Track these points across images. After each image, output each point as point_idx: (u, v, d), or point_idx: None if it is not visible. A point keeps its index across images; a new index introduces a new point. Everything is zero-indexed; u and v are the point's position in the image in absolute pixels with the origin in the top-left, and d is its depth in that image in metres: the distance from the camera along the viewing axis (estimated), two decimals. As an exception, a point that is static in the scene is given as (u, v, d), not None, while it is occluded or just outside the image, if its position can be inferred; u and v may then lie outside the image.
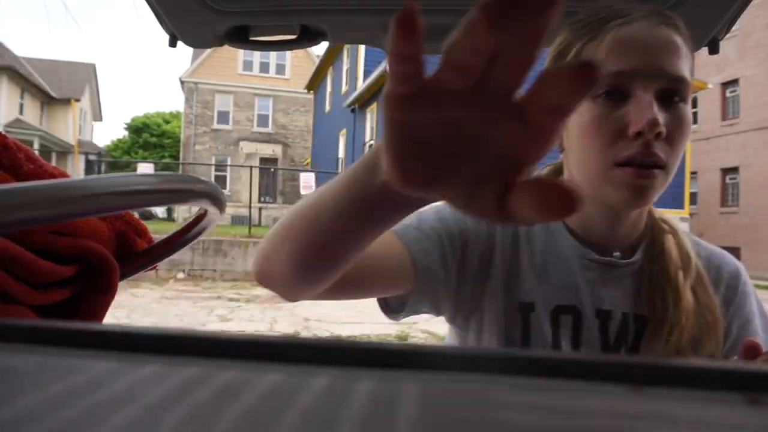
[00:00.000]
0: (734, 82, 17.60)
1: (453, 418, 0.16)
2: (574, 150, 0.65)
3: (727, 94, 17.95)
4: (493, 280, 0.70)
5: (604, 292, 0.69)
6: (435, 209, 0.71)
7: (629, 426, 0.16)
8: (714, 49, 1.00)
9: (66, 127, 21.87)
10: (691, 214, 15.08)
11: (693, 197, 17.83)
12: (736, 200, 17.52)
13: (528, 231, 0.72)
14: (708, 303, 0.67)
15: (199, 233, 0.60)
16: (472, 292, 0.70)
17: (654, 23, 0.61)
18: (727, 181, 17.94)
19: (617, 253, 0.70)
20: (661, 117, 0.58)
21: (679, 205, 12.67)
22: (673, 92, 0.61)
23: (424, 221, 0.69)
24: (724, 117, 18.05)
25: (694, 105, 18.02)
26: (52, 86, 22.34)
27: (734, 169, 17.60)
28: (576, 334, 0.68)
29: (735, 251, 17.26)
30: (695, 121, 17.98)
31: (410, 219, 0.68)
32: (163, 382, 0.18)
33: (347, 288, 0.60)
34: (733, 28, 1.03)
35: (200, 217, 0.59)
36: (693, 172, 17.34)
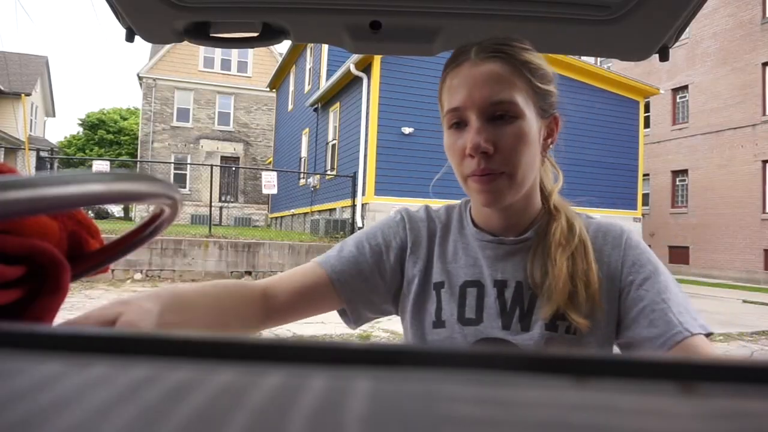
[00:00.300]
0: (684, 89, 18.34)
1: (403, 414, 0.16)
2: (452, 166, 0.83)
3: (678, 100, 18.69)
4: (411, 271, 0.88)
5: (500, 265, 0.85)
6: (354, 237, 0.90)
7: (572, 416, 0.16)
8: (664, 57, 1.04)
9: (16, 123, 20.94)
10: (643, 215, 15.62)
11: (645, 198, 18.49)
12: (685, 201, 18.26)
13: (446, 225, 0.92)
14: (585, 267, 0.81)
15: (155, 233, 0.59)
16: (399, 288, 0.89)
17: (479, 60, 0.76)
18: (677, 183, 18.68)
19: (511, 237, 0.86)
20: (491, 136, 0.75)
21: (632, 206, 13.11)
22: (499, 113, 0.76)
23: (344, 248, 0.88)
24: (674, 121, 18.78)
25: (647, 110, 18.69)
26: (0, 80, 21.35)
27: (684, 172, 18.34)
28: (479, 303, 0.84)
29: (684, 250, 17.99)
30: (647, 125, 18.65)
31: (333, 249, 0.89)
32: (110, 384, 0.17)
33: (286, 318, 0.82)
34: (683, 36, 1.08)
35: (155, 217, 0.57)
36: (645, 174, 17.98)
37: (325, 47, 14.12)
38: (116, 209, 37.48)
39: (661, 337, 0.78)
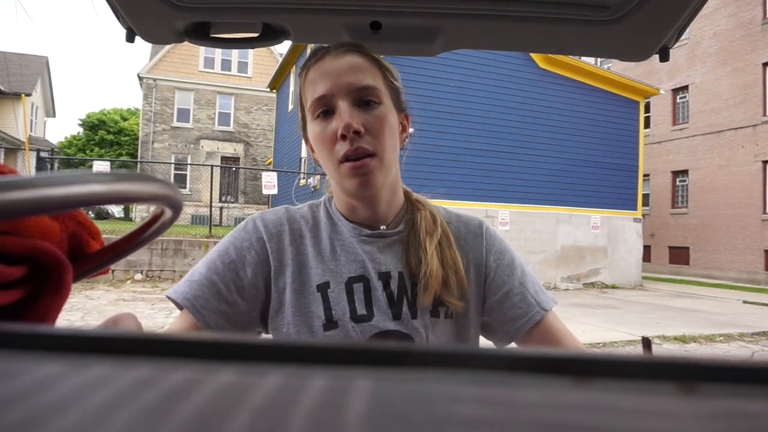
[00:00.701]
0: (684, 89, 18.34)
1: (403, 414, 0.16)
2: (320, 159, 0.85)
3: (678, 100, 18.68)
4: (281, 280, 0.84)
5: (381, 258, 0.86)
6: (205, 258, 0.85)
7: (572, 416, 0.16)
8: (664, 57, 1.04)
9: (16, 123, 20.94)
10: (643, 215, 15.62)
11: (645, 198, 18.48)
12: (685, 202, 18.25)
13: (314, 224, 0.89)
14: (451, 254, 0.87)
15: (156, 234, 0.59)
16: (266, 304, 0.84)
17: (340, 54, 0.82)
18: (678, 183, 18.68)
19: (383, 227, 0.88)
20: (359, 119, 0.78)
21: (632, 207, 13.11)
22: (365, 99, 0.80)
23: (194, 273, 0.83)
24: (674, 122, 18.78)
25: (647, 110, 18.69)
26: (1, 80, 21.36)
27: (684, 172, 18.33)
28: (368, 297, 0.84)
29: (684, 251, 17.98)
30: (648, 125, 18.64)
31: (183, 279, 0.84)
32: (110, 384, 0.17)
33: None
34: (683, 37, 1.08)
35: (157, 217, 0.57)
36: (646, 175, 17.98)
37: (326, 48, 14.12)
38: (116, 210, 37.49)
39: (524, 317, 0.89)
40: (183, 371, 0.18)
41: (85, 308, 6.77)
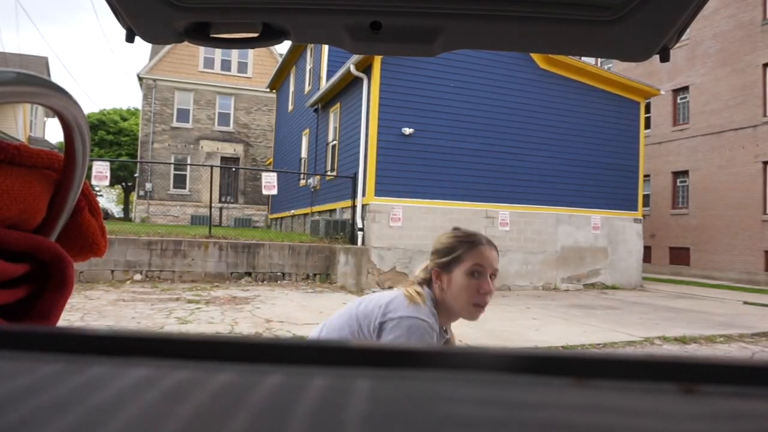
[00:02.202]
0: (685, 89, 18.35)
1: (403, 414, 0.16)
2: (454, 291, 1.44)
3: (678, 101, 18.69)
4: None
5: None
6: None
7: (572, 417, 0.16)
8: (665, 57, 1.04)
9: (16, 124, 20.95)
10: (643, 216, 15.62)
11: (646, 199, 18.48)
12: (685, 202, 18.26)
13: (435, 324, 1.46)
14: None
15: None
16: None
17: (491, 248, 1.47)
18: (678, 184, 18.68)
19: (444, 328, 1.53)
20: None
21: (633, 207, 13.11)
22: (494, 275, 1.46)
23: None
24: (675, 122, 18.78)
25: (648, 111, 18.69)
26: (0, 80, 21.35)
27: (684, 173, 18.34)
28: None
29: (684, 251, 17.99)
30: (648, 126, 18.64)
31: None
32: (110, 384, 0.17)
33: None
34: (683, 37, 1.08)
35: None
36: (646, 175, 17.98)
37: (325, 48, 14.13)
38: (116, 210, 37.43)
39: None
40: (183, 371, 0.18)
41: (84, 308, 6.76)
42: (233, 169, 21.94)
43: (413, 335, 1.32)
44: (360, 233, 10.98)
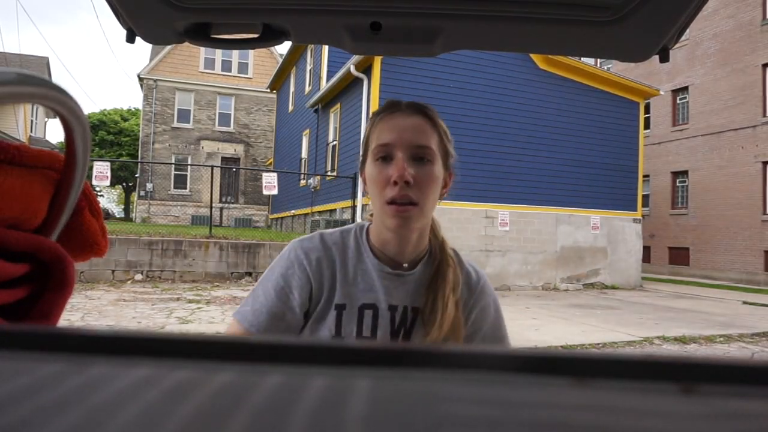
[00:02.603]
0: (684, 90, 18.34)
1: (403, 414, 0.16)
2: (370, 194, 0.98)
3: (678, 101, 18.69)
4: (318, 297, 1.00)
5: (394, 292, 1.00)
6: (261, 288, 1.02)
7: (572, 417, 0.16)
8: (665, 58, 1.04)
9: (16, 124, 20.95)
10: (643, 216, 15.61)
11: (645, 199, 18.47)
12: (685, 202, 18.25)
13: (343, 250, 1.02)
14: (458, 315, 1.00)
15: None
16: (307, 311, 1.02)
17: (408, 113, 0.97)
18: (677, 184, 18.67)
19: (405, 265, 1.01)
20: (411, 171, 0.92)
21: (632, 207, 13.11)
22: (420, 156, 0.95)
23: (255, 300, 1.02)
24: (674, 123, 18.78)
25: (647, 111, 18.69)
26: (0, 80, 21.34)
27: (684, 173, 18.33)
28: (374, 323, 0.99)
29: (684, 251, 17.98)
30: (647, 126, 18.64)
31: (246, 303, 1.03)
32: (111, 384, 0.17)
33: None
34: (683, 37, 1.08)
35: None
36: (645, 175, 17.98)
37: (326, 48, 14.13)
38: (117, 210, 37.42)
39: None
40: (183, 371, 0.18)
41: (85, 308, 6.76)
42: (234, 170, 21.94)
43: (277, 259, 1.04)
44: (360, 233, 10.97)
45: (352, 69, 11.29)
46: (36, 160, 0.51)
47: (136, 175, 23.87)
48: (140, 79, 23.59)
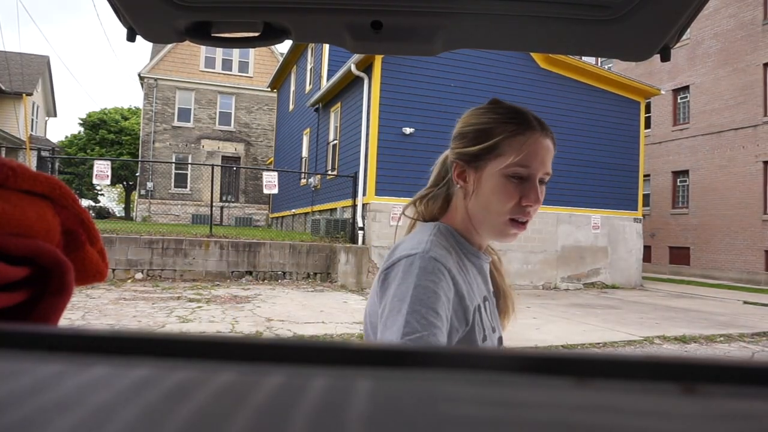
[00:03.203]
0: (685, 89, 18.33)
1: (404, 414, 0.16)
2: (483, 199, 0.94)
3: (679, 101, 18.67)
4: (463, 303, 0.93)
5: (484, 280, 1.02)
6: (426, 308, 0.83)
7: (573, 417, 0.16)
8: (666, 57, 1.04)
9: (17, 123, 20.96)
10: (643, 215, 15.60)
11: (646, 199, 18.47)
12: (686, 202, 18.24)
13: (457, 254, 0.95)
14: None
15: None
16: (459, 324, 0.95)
17: (546, 135, 0.95)
18: (678, 183, 18.66)
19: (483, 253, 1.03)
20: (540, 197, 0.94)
21: (633, 207, 13.10)
22: (544, 180, 0.95)
23: (434, 326, 0.84)
24: (675, 122, 18.76)
25: (648, 110, 18.68)
26: (2, 79, 21.37)
27: (684, 172, 18.32)
28: (493, 312, 1.00)
29: (685, 251, 17.97)
30: (648, 126, 18.63)
31: (427, 329, 0.82)
32: (111, 384, 0.17)
33: None
34: (684, 37, 1.08)
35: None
36: (646, 175, 17.96)
37: (326, 47, 14.12)
38: (117, 209, 37.45)
39: None
40: (183, 371, 0.18)
41: (85, 307, 6.77)
42: (234, 169, 21.94)
43: (409, 277, 0.85)
44: (360, 232, 10.98)
45: (353, 68, 11.28)
46: (31, 184, 0.49)
47: (137, 174, 23.88)
48: (141, 78, 23.59)
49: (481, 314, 0.93)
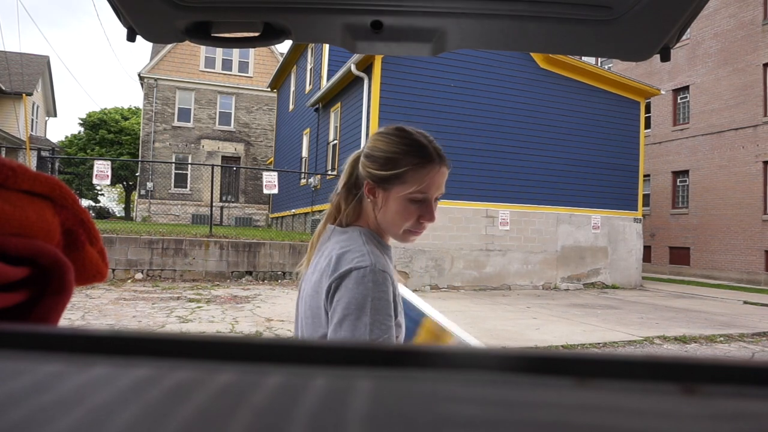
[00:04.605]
0: (685, 89, 18.33)
1: (404, 414, 0.16)
2: (389, 216, 1.12)
3: (678, 101, 18.67)
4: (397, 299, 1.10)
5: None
6: (381, 317, 1.00)
7: (573, 417, 0.16)
8: (666, 57, 1.04)
9: (17, 123, 20.96)
10: (643, 216, 15.60)
11: (646, 199, 18.46)
12: (686, 202, 18.24)
13: (384, 254, 1.13)
14: None
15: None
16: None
17: (443, 165, 1.12)
18: (678, 183, 18.66)
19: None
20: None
21: (633, 207, 13.10)
22: (438, 198, 1.13)
23: (390, 332, 1.00)
24: (675, 122, 18.76)
25: (648, 110, 18.67)
26: (2, 79, 21.37)
27: (684, 173, 18.32)
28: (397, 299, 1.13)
29: (684, 251, 17.97)
30: (648, 126, 18.63)
31: (374, 333, 0.98)
32: (111, 384, 0.17)
33: None
34: (684, 37, 1.08)
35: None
36: (646, 175, 17.97)
37: (326, 47, 14.12)
38: (117, 209, 37.44)
39: None
40: (183, 371, 0.18)
41: (85, 307, 6.77)
42: (234, 169, 21.94)
43: (364, 289, 1.00)
44: (360, 233, 10.97)
45: (353, 68, 11.28)
46: (31, 184, 0.49)
47: (137, 174, 23.87)
48: (141, 78, 23.59)
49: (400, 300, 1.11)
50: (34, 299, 0.49)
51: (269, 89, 22.05)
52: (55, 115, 28.75)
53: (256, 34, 1.01)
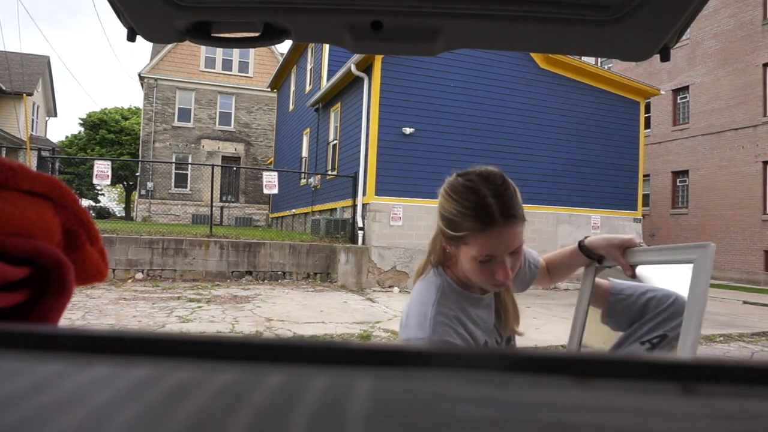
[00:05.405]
0: (685, 89, 18.33)
1: (405, 414, 0.16)
2: (465, 269, 1.08)
3: (678, 101, 18.67)
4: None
5: (486, 319, 1.19)
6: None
7: (573, 417, 0.16)
8: (665, 57, 1.04)
9: (17, 123, 20.96)
10: (643, 216, 15.59)
11: (646, 199, 18.46)
12: (685, 202, 18.24)
13: (458, 306, 1.12)
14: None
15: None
16: None
17: (508, 224, 1.03)
18: (678, 183, 18.66)
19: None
20: (511, 267, 1.06)
21: (632, 207, 13.10)
22: (516, 251, 1.07)
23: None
24: (675, 122, 18.76)
25: (648, 110, 18.67)
26: (2, 79, 21.37)
27: (684, 173, 18.32)
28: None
29: (685, 251, 17.95)
30: (648, 126, 18.63)
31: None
32: (111, 384, 0.17)
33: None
34: (684, 37, 1.08)
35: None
36: (646, 175, 17.96)
37: (326, 47, 14.13)
38: (118, 209, 37.44)
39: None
40: (183, 371, 0.18)
41: (85, 307, 6.77)
42: (234, 169, 21.95)
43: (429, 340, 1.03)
44: (360, 232, 10.98)
45: (353, 68, 11.28)
46: (31, 184, 0.48)
47: (137, 174, 23.87)
48: (141, 78, 23.59)
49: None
50: (34, 299, 0.49)
51: (269, 89, 22.05)
52: (56, 115, 28.75)
53: (257, 34, 1.01)
